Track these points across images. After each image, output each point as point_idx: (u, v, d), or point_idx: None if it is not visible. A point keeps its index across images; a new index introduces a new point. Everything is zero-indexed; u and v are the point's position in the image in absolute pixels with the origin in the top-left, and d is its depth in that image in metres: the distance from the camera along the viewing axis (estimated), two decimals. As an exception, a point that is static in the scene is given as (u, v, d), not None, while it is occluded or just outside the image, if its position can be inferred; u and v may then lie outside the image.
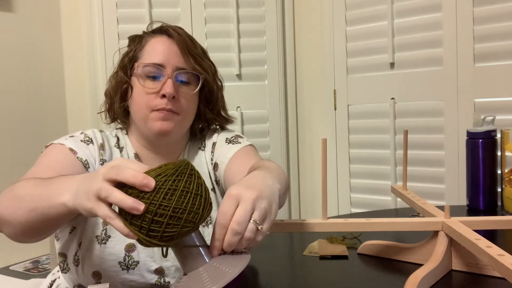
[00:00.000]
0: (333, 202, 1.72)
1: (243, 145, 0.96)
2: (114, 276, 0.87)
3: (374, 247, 0.90)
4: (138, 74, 0.92)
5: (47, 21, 1.73)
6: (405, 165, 1.05)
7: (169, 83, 0.89)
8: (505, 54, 1.34)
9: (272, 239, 1.06)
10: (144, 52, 0.93)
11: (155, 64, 0.90)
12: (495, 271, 0.70)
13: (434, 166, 1.49)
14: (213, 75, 0.99)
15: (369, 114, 1.62)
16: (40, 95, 1.69)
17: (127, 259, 0.88)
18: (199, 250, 0.64)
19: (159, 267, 0.90)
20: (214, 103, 1.01)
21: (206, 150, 1.01)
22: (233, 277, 0.59)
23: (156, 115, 0.90)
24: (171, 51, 0.92)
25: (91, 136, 0.92)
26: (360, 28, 1.63)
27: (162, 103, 0.89)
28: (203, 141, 1.03)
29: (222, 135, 1.01)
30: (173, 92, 0.89)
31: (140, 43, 0.95)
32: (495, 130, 1.23)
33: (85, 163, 0.87)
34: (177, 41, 0.93)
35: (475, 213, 1.22)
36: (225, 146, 0.97)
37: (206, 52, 0.99)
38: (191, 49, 0.93)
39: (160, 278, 0.91)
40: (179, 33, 0.93)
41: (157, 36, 0.94)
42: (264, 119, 1.78)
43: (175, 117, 0.91)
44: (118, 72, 0.95)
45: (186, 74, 0.93)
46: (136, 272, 0.88)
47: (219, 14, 1.73)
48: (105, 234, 0.88)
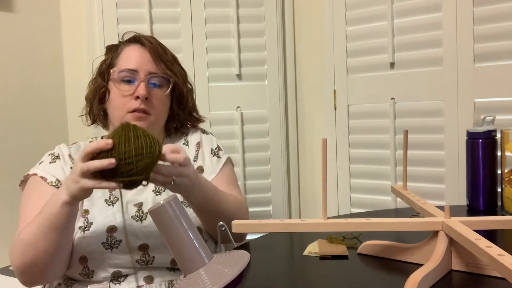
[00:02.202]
0: (333, 202, 1.72)
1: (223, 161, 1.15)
2: (99, 256, 0.95)
3: (374, 247, 0.90)
4: (114, 79, 1.04)
5: (47, 21, 1.73)
6: (405, 165, 1.05)
7: (142, 86, 1.02)
8: (505, 54, 1.34)
9: (272, 239, 1.06)
10: (119, 60, 1.06)
11: (129, 69, 1.03)
12: (495, 271, 0.70)
13: (434, 166, 1.49)
14: (183, 79, 1.12)
15: (369, 114, 1.62)
16: (40, 95, 1.69)
17: (110, 239, 0.96)
18: (199, 251, 0.64)
19: (143, 244, 0.97)
20: (185, 104, 1.13)
21: (189, 147, 1.14)
22: (233, 277, 0.59)
23: (131, 116, 1.02)
24: (144, 58, 1.04)
25: (57, 152, 1.06)
26: (360, 28, 1.63)
27: (136, 104, 1.01)
28: (186, 138, 1.16)
29: (206, 140, 1.16)
30: (146, 94, 1.01)
31: (116, 51, 1.08)
32: (495, 130, 1.23)
33: (56, 183, 1.00)
34: (149, 49, 1.05)
35: (475, 213, 1.22)
36: (210, 158, 1.14)
37: (176, 59, 1.13)
38: (162, 55, 1.06)
39: (144, 253, 0.97)
40: (151, 42, 1.07)
41: (131, 45, 1.09)
42: (264, 119, 1.78)
43: (148, 118, 1.03)
44: (97, 78, 1.09)
45: (157, 78, 1.05)
46: (121, 250, 0.95)
47: (219, 14, 1.72)
48: (87, 223, 0.97)
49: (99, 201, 1.00)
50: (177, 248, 0.64)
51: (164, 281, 0.98)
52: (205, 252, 0.65)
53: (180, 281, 0.64)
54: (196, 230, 0.67)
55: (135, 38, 1.08)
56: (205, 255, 0.64)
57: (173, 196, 0.67)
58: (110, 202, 1.01)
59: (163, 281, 0.98)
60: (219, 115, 1.74)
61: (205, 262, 0.64)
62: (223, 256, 0.66)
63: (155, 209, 0.65)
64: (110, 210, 0.99)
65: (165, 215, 0.65)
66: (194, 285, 0.61)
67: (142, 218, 0.99)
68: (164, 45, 1.10)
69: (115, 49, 1.09)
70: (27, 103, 1.65)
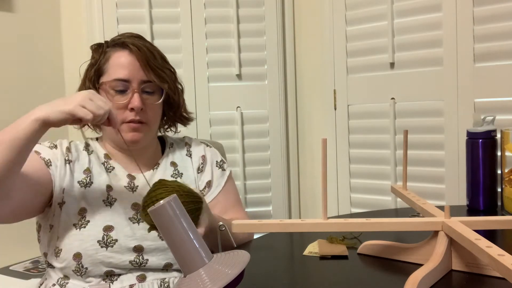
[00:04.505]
0: (333, 202, 1.72)
1: (227, 174, 1.16)
2: (93, 254, 0.95)
3: (374, 247, 0.90)
4: (106, 89, 1.02)
5: (47, 21, 1.73)
6: (405, 165, 1.06)
7: (136, 97, 1.01)
8: (505, 54, 1.34)
9: (272, 239, 1.06)
10: (109, 67, 1.03)
11: (121, 80, 1.01)
12: (495, 271, 0.70)
13: (434, 166, 1.49)
14: (173, 82, 1.10)
15: (369, 114, 1.62)
16: (40, 95, 1.69)
17: (106, 238, 0.96)
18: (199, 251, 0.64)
19: (138, 245, 0.98)
20: (176, 108, 1.13)
21: (193, 158, 1.15)
22: (233, 277, 0.59)
23: (127, 126, 1.02)
24: (134, 66, 1.02)
25: (57, 143, 1.05)
26: (360, 28, 1.63)
27: (131, 116, 1.01)
28: (189, 149, 1.17)
29: (210, 153, 1.17)
30: (141, 105, 1.01)
31: (104, 55, 1.05)
32: (495, 130, 1.23)
33: (47, 161, 0.99)
34: (137, 56, 1.02)
35: (475, 213, 1.22)
36: (216, 170, 1.16)
37: (165, 59, 1.10)
38: (151, 61, 1.03)
39: (138, 255, 0.98)
40: (138, 47, 1.03)
41: (119, 51, 1.04)
42: (264, 119, 1.78)
43: (144, 127, 1.03)
44: (86, 83, 1.06)
45: (150, 86, 1.04)
46: (115, 249, 0.96)
47: (219, 14, 1.72)
48: (84, 220, 0.98)
49: (97, 201, 1.01)
50: (177, 248, 0.64)
51: (156, 280, 0.98)
52: (205, 252, 0.65)
53: (180, 281, 0.64)
54: (196, 230, 0.67)
55: (122, 43, 1.04)
56: (205, 255, 0.64)
57: (173, 196, 0.67)
58: (108, 203, 1.01)
59: (155, 280, 0.98)
60: (219, 115, 1.74)
61: (205, 262, 0.64)
62: (223, 256, 0.66)
63: (155, 209, 0.65)
64: (108, 211, 1.00)
65: (165, 215, 0.65)
66: (194, 285, 0.60)
67: (139, 220, 1.00)
68: (151, 46, 1.07)
69: (102, 51, 1.06)
70: (27, 103, 1.65)
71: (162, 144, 1.18)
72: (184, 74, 1.70)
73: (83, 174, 1.03)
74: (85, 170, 1.03)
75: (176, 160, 1.13)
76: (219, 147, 1.40)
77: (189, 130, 1.65)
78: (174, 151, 1.16)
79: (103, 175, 1.04)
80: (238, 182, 1.73)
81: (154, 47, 1.07)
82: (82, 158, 1.05)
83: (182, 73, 1.70)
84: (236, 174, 1.73)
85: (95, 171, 1.04)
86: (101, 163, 1.06)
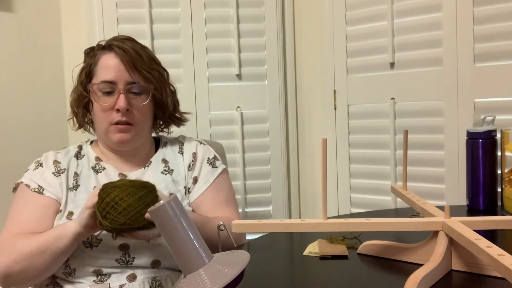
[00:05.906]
0: (333, 202, 1.72)
1: (218, 171, 1.15)
2: (80, 255, 0.97)
3: (374, 247, 0.90)
4: (94, 91, 1.05)
5: (47, 21, 1.73)
6: (405, 165, 1.05)
7: (122, 98, 1.02)
8: (505, 54, 1.34)
9: (272, 239, 1.06)
10: (97, 69, 1.06)
11: (107, 81, 1.03)
12: (495, 271, 0.70)
13: (434, 166, 1.49)
14: (162, 83, 1.10)
15: (369, 114, 1.62)
16: (40, 95, 1.69)
17: (90, 238, 0.98)
18: (199, 251, 0.64)
19: (124, 243, 0.99)
20: (165, 108, 1.13)
21: (184, 155, 1.15)
22: (233, 277, 0.59)
23: (115, 128, 1.04)
24: (120, 67, 1.03)
25: (42, 160, 1.08)
26: (360, 28, 1.63)
27: (118, 117, 1.03)
28: (182, 147, 1.17)
29: (202, 150, 1.16)
30: (126, 106, 1.02)
31: (94, 59, 1.07)
32: (495, 130, 1.23)
33: (38, 189, 1.03)
34: (122, 58, 1.03)
35: (475, 213, 1.22)
36: (206, 166, 1.14)
37: (155, 60, 1.11)
38: (137, 62, 1.04)
39: (124, 254, 0.99)
40: (124, 50, 1.04)
41: (106, 54, 1.06)
42: (264, 119, 1.78)
43: (132, 128, 1.05)
44: (78, 87, 1.09)
45: (136, 87, 1.05)
46: (101, 248, 0.98)
47: (219, 14, 1.72)
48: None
49: (83, 203, 1.01)
50: (177, 248, 0.64)
51: (147, 278, 0.98)
52: (205, 252, 0.65)
53: (180, 281, 0.64)
54: (196, 230, 0.67)
55: (109, 46, 1.06)
56: (205, 255, 0.64)
57: (173, 196, 0.67)
58: None
59: (146, 278, 0.98)
60: (219, 115, 1.74)
61: (205, 262, 0.64)
62: (223, 256, 0.66)
63: (155, 208, 0.65)
64: None
65: (165, 215, 0.65)
66: (194, 285, 0.60)
67: None
68: (140, 48, 1.08)
69: (92, 54, 1.08)
70: (27, 103, 1.65)
71: (158, 145, 1.18)
72: (184, 74, 1.70)
73: (72, 179, 1.05)
74: (73, 175, 1.06)
75: (167, 157, 1.14)
76: (219, 147, 1.40)
77: (189, 130, 1.65)
78: (167, 149, 1.16)
79: (91, 177, 1.06)
80: (238, 182, 1.73)
81: (144, 49, 1.08)
82: (72, 164, 1.08)
83: (182, 73, 1.70)
84: (236, 174, 1.73)
85: (83, 175, 1.06)
86: (91, 166, 1.08)
